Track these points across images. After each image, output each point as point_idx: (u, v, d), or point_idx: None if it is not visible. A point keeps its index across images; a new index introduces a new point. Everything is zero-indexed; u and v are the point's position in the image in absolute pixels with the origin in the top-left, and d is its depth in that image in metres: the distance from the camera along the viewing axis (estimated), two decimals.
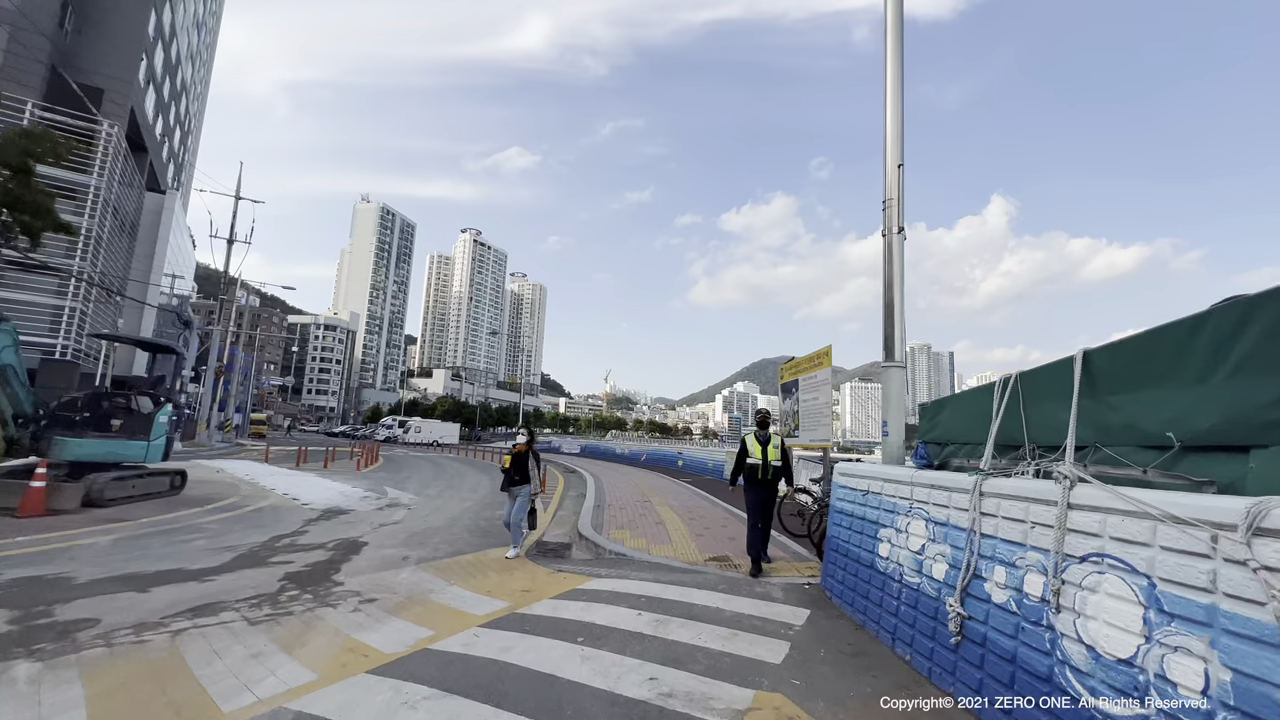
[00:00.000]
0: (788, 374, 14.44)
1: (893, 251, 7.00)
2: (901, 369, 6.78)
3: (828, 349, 11.74)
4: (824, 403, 11.84)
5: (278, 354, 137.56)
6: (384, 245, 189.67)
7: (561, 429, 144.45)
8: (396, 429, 62.49)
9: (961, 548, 3.76)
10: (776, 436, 7.18)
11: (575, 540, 8.86)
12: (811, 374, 12.57)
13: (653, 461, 32.09)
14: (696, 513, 11.67)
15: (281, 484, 14.04)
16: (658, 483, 19.11)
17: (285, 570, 6.12)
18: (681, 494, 15.48)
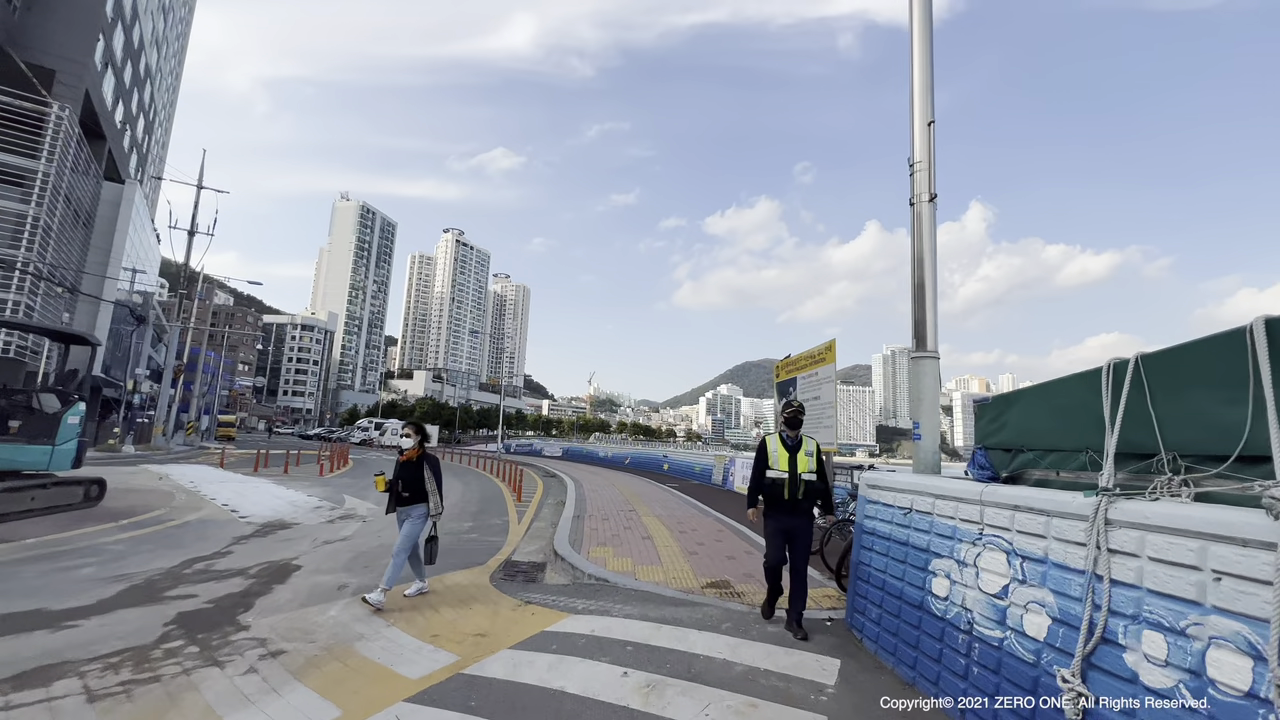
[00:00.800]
0: (784, 372, 13.41)
1: (923, 221, 5.96)
2: (935, 360, 5.74)
3: (831, 344, 10.72)
4: (827, 402, 10.81)
5: (252, 354, 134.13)
6: (364, 244, 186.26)
7: (544, 431, 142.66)
8: (372, 431, 60.53)
9: (1076, 597, 2.69)
10: (811, 440, 5.12)
11: (550, 559, 7.70)
12: (812, 371, 11.54)
13: (637, 465, 30.96)
14: (687, 524, 10.56)
15: (225, 493, 12.65)
16: (642, 488, 17.99)
17: (180, 609, 4.88)
18: (668, 501, 14.36)
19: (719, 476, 19.88)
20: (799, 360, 12.25)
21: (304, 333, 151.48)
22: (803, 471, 4.90)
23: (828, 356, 10.75)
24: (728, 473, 18.99)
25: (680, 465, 25.29)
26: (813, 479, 4.92)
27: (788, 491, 4.85)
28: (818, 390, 11.14)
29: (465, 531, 9.73)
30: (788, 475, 4.88)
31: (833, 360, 10.53)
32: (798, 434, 5.08)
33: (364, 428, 62.50)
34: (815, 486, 4.95)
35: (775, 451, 5.00)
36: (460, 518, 11.17)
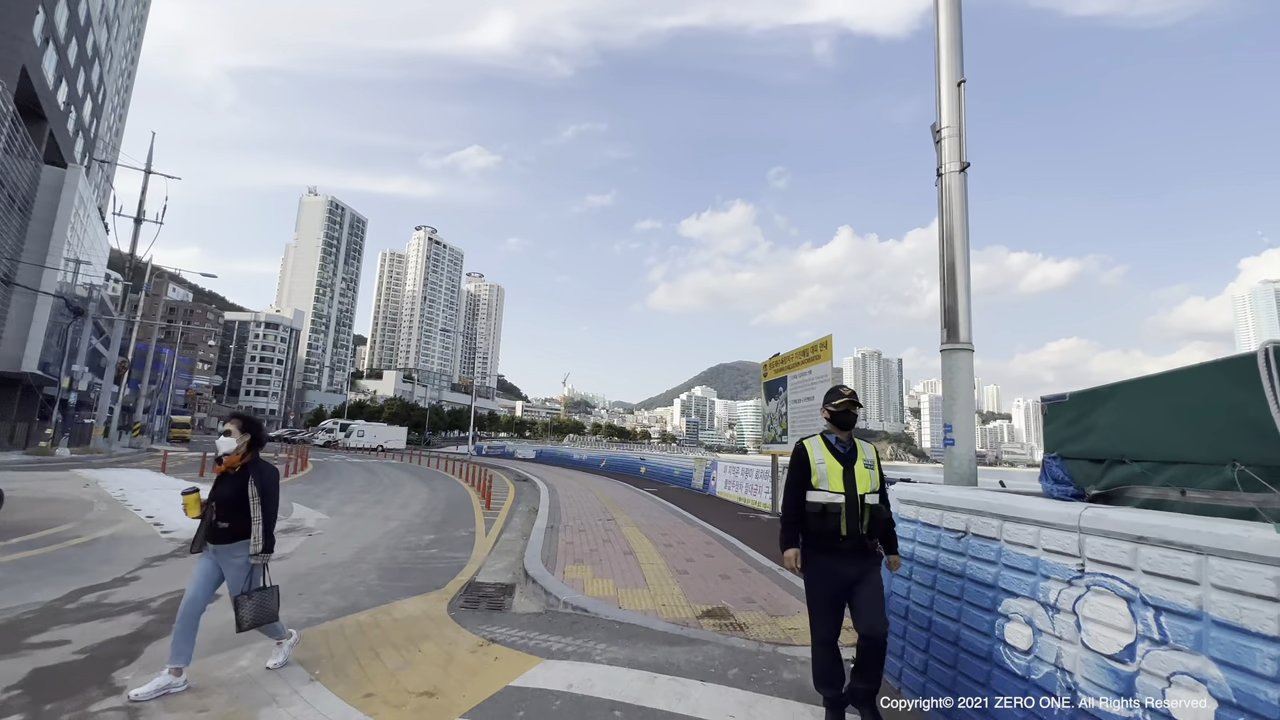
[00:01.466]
0: (773, 371, 12.67)
1: (952, 194, 5.20)
2: (969, 352, 4.99)
3: (826, 340, 9.98)
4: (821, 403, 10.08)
5: (212, 352, 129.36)
6: (332, 240, 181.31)
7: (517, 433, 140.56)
8: (338, 432, 58.43)
9: (1268, 676, 1.90)
10: (868, 447, 3.46)
11: (520, 580, 6.75)
12: (805, 370, 10.80)
13: (613, 468, 30.03)
14: (672, 535, 9.69)
15: (155, 502, 11.34)
16: (620, 493, 17.09)
17: (39, 663, 3.81)
18: (648, 508, 13.49)
19: (699, 481, 19.09)
20: (790, 358, 11.50)
21: (268, 330, 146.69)
22: (864, 492, 3.24)
23: (823, 353, 10.01)
24: (709, 477, 18.21)
25: (659, 469, 24.45)
26: (877, 503, 3.29)
27: (845, 524, 3.16)
28: (811, 390, 10.39)
29: (425, 546, 8.70)
30: (843, 498, 3.19)
31: (829, 358, 9.79)
32: (850, 437, 3.42)
33: (328, 429, 60.32)
34: (880, 515, 3.30)
35: (822, 463, 3.29)
36: (421, 529, 10.12)
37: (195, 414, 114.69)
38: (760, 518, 12.15)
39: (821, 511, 3.19)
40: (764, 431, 12.83)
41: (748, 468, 15.15)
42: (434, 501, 14.43)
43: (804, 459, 3.37)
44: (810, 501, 3.25)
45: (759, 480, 14.09)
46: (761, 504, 13.49)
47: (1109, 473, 2.96)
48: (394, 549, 8.36)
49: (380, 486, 17.83)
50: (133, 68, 68.17)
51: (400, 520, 11.07)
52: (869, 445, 3.47)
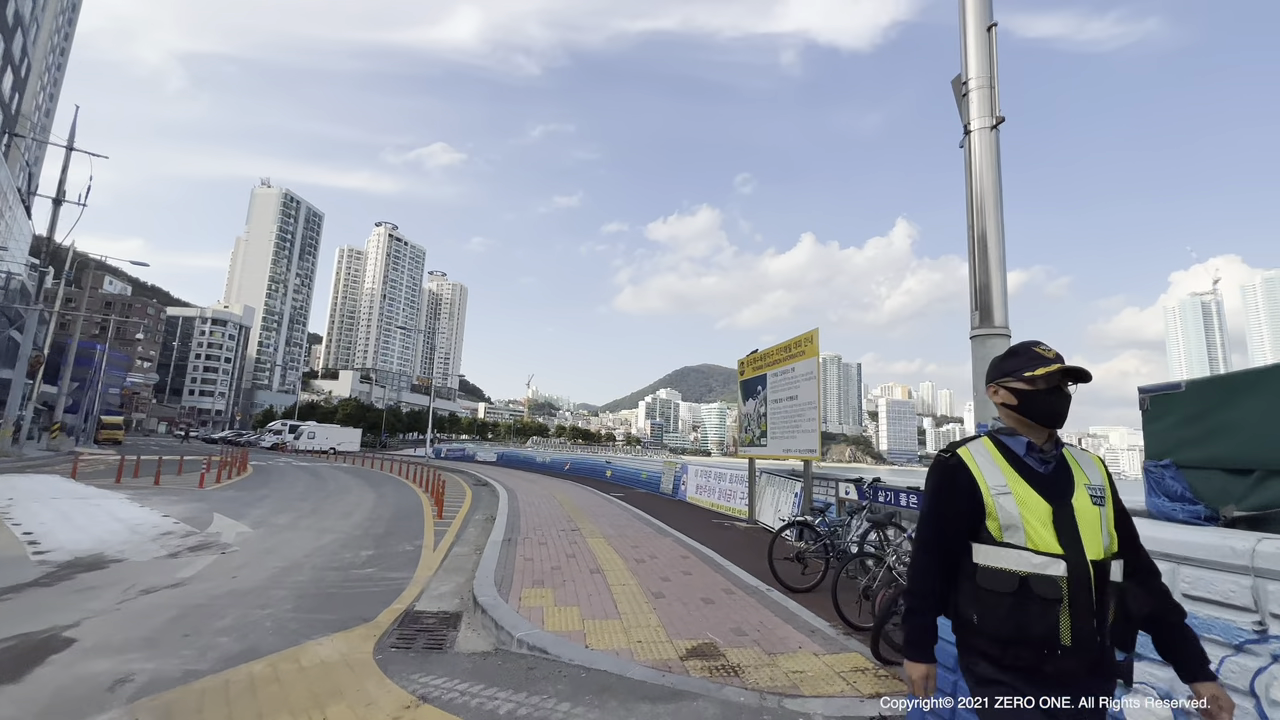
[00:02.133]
0: (750, 369, 11.90)
1: (984, 155, 4.44)
2: (1006, 338, 4.22)
3: (811, 334, 9.23)
4: (807, 403, 9.30)
5: (153, 349, 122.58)
6: (286, 234, 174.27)
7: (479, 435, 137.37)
8: (286, 434, 55.52)
9: None
10: (1095, 464, 1.68)
11: (468, 608, 5.72)
12: (786, 367, 10.04)
13: (578, 472, 28.94)
14: (643, 546, 8.77)
15: (46, 514, 9.81)
16: (585, 499, 16.08)
17: None
18: (616, 516, 12.54)
19: (669, 485, 18.23)
20: (770, 354, 10.73)
21: (215, 327, 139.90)
22: (1101, 556, 1.54)
23: (807, 349, 9.26)
24: (679, 481, 17.37)
25: (625, 472, 23.51)
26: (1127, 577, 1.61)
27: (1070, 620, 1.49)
28: (794, 389, 9.64)
29: (361, 564, 7.55)
30: (1064, 565, 1.51)
31: (814, 353, 9.04)
32: (1056, 442, 1.69)
33: (276, 430, 57.34)
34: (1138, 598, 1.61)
35: (1006, 491, 1.61)
36: (360, 543, 8.93)
37: (132, 414, 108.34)
38: (737, 526, 11.34)
39: (1019, 593, 1.52)
40: (740, 434, 12.05)
41: (721, 471, 14.36)
42: (380, 510, 13.16)
43: (965, 482, 1.66)
44: (990, 570, 1.58)
45: (734, 485, 13.30)
46: (738, 511, 12.70)
47: (1261, 488, 2.18)
48: (323, 569, 7.19)
49: (322, 493, 16.37)
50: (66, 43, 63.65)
51: (338, 533, 9.84)
52: (1088, 455, 1.72)
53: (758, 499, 11.42)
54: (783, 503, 10.35)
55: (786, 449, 9.73)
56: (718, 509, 13.85)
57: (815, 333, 9.00)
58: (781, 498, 10.44)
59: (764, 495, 11.29)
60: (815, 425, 8.83)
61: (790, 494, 10.11)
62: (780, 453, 9.96)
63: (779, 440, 10.06)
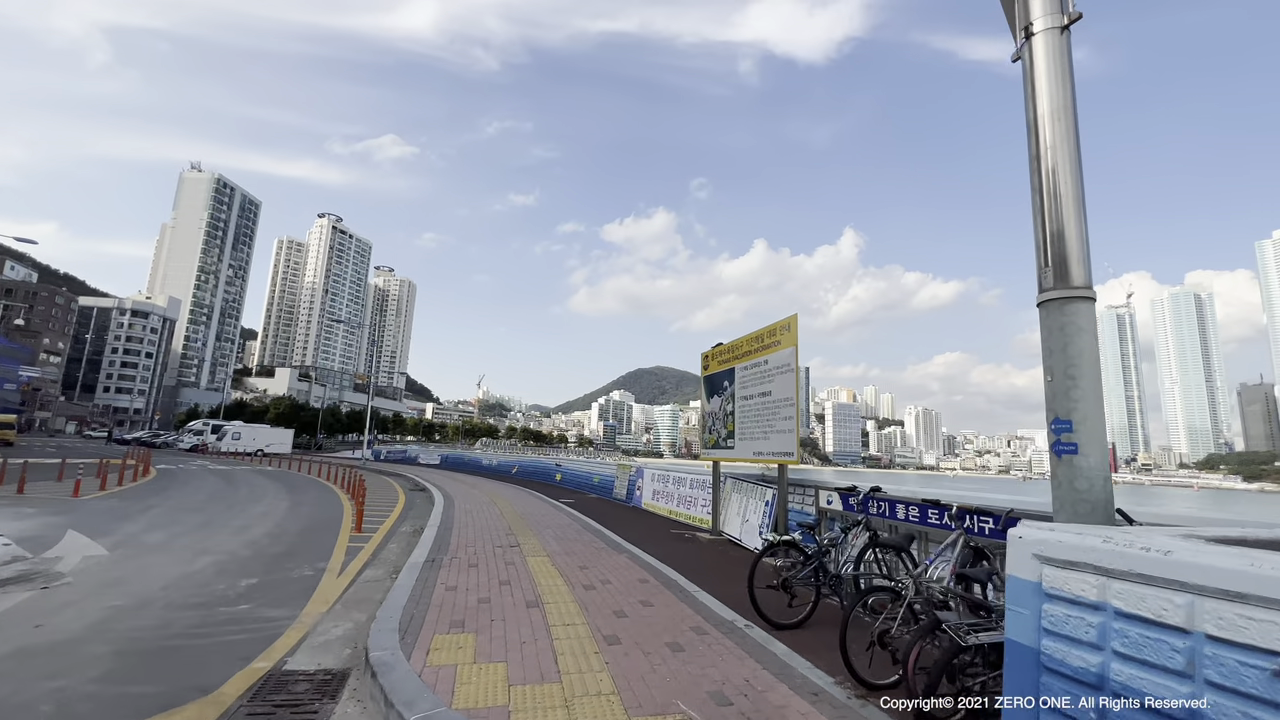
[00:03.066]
0: (715, 363, 10.75)
1: (1052, 65, 3.33)
2: (1090, 302, 3.12)
3: (789, 321, 8.13)
4: (781, 399, 8.19)
5: (62, 341, 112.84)
6: (218, 222, 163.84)
7: (425, 436, 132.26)
8: (208, 435, 51.23)
9: None
10: None
11: (358, 666, 4.29)
12: (759, 359, 8.92)
13: (526, 475, 27.30)
14: (593, 566, 7.45)
15: None
16: (530, 505, 14.62)
17: None
18: (563, 527, 11.17)
19: (622, 490, 16.96)
20: (739, 346, 9.60)
21: (135, 319, 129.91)
22: None
23: (784, 338, 8.16)
24: (633, 486, 16.12)
25: (576, 476, 22.09)
26: None
27: None
28: (768, 384, 8.53)
29: (236, 598, 5.96)
30: None
31: (792, 343, 7.94)
32: None
33: (197, 430, 52.90)
34: None
35: None
36: (245, 568, 7.27)
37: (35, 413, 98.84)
38: (700, 538, 10.17)
39: None
40: (703, 434, 10.90)
41: (680, 476, 13.18)
42: (289, 522, 11.36)
43: None
44: None
45: (695, 491, 12.13)
46: (700, 520, 11.53)
47: None
48: (179, 606, 5.57)
49: (226, 502, 14.32)
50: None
51: (222, 552, 8.11)
52: None
53: (723, 507, 10.28)
54: (751, 511, 9.24)
55: (758, 452, 8.62)
56: (677, 517, 12.67)
57: (794, 320, 7.91)
58: (750, 506, 9.32)
59: (729, 503, 10.16)
60: (793, 425, 7.74)
61: (760, 502, 9.00)
62: (750, 456, 8.83)
63: (749, 442, 8.93)
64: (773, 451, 8.14)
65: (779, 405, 8.06)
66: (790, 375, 7.89)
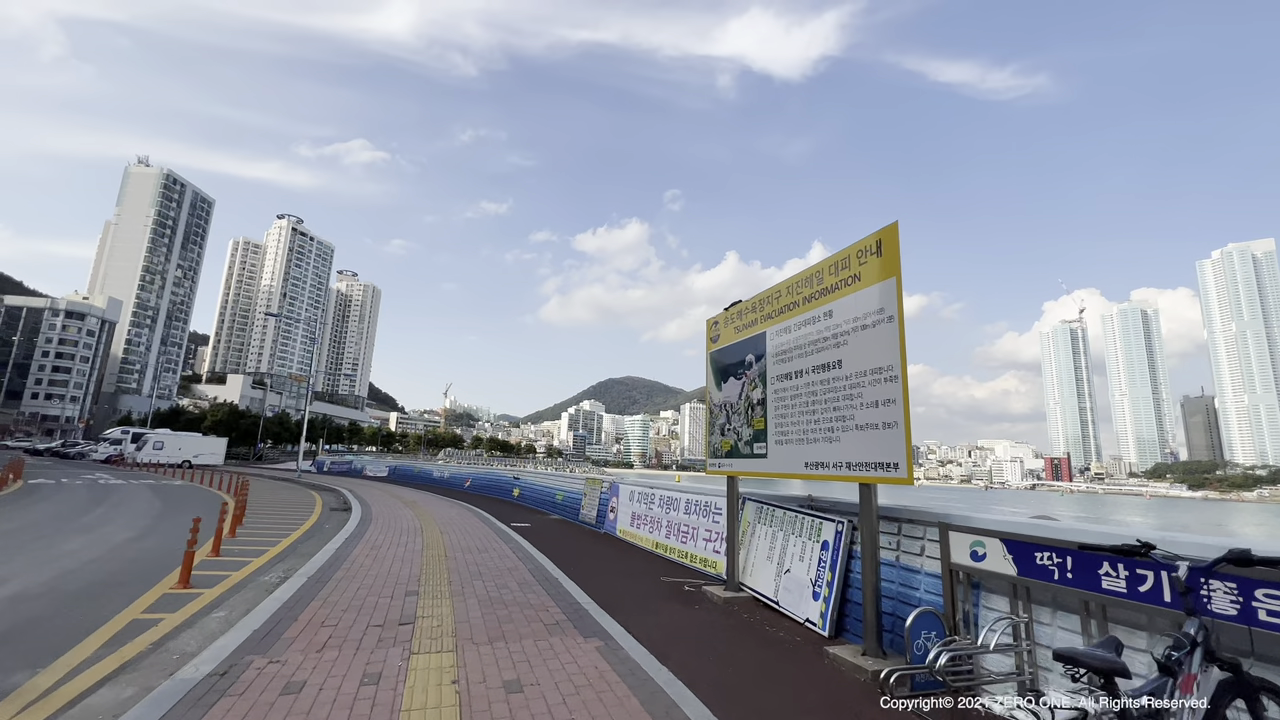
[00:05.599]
0: (729, 330, 7.32)
1: None
2: None
3: (884, 234, 4.75)
4: (866, 373, 4.78)
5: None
6: (166, 220, 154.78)
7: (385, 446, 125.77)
8: (127, 444, 45.62)
9: None
10: None
11: None
12: (813, 312, 5.57)
13: (480, 489, 23.47)
14: (532, 678, 3.97)
15: None
16: (468, 532, 10.99)
17: None
18: (502, 568, 7.62)
19: (591, 512, 13.45)
20: (774, 297, 6.21)
21: (70, 321, 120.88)
22: None
23: (869, 269, 4.83)
24: (605, 506, 12.63)
25: (536, 492, 18.43)
26: None
27: None
28: (836, 349, 5.17)
29: None
30: None
31: (891, 272, 4.60)
32: None
33: (114, 440, 47.16)
34: None
35: None
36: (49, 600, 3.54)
37: None
38: (710, 595, 6.73)
39: None
40: (710, 436, 7.51)
41: (671, 496, 9.69)
42: (107, 560, 7.53)
43: None
44: None
45: (695, 518, 8.65)
46: (704, 561, 8.09)
47: None
48: None
49: (58, 524, 10.35)
50: None
51: None
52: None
53: (743, 545, 6.87)
54: (795, 556, 5.84)
55: (815, 462, 5.25)
56: (667, 554, 9.20)
57: (890, 233, 4.60)
58: (793, 548, 5.92)
59: (754, 539, 6.75)
60: (896, 414, 4.40)
61: (812, 542, 5.62)
62: (801, 468, 5.45)
63: (796, 446, 5.56)
64: (851, 461, 4.79)
65: (862, 382, 4.72)
66: (886, 330, 4.56)
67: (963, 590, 3.96)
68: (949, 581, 4.01)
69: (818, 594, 5.34)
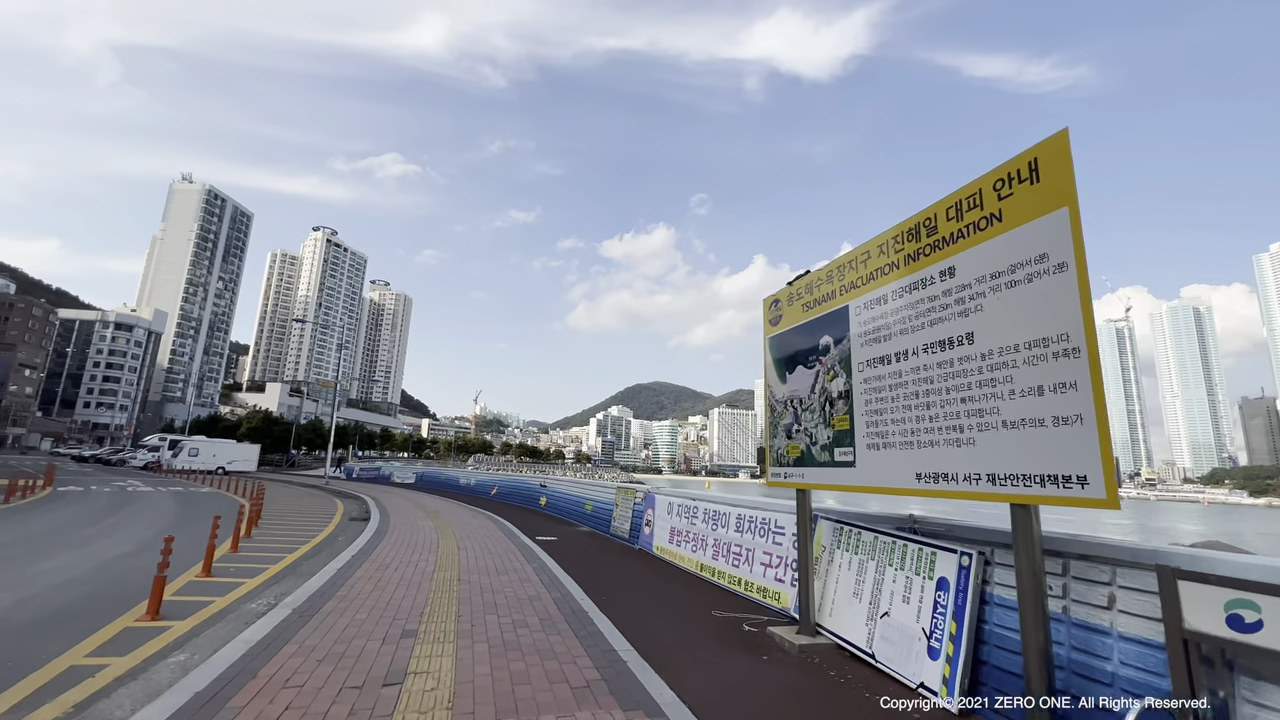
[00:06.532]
0: (795, 309, 5.84)
1: None
2: None
3: (1049, 144, 3.41)
4: (1024, 346, 3.31)
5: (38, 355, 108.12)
6: (208, 234, 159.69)
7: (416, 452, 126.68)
8: (164, 451, 46.21)
9: None
10: None
11: None
12: (927, 269, 4.11)
13: (506, 497, 22.45)
14: None
15: None
16: (490, 548, 9.85)
17: None
18: (522, 597, 6.42)
19: (624, 524, 12.19)
20: (859, 259, 4.89)
21: (119, 332, 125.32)
22: None
23: (1018, 202, 3.47)
24: (639, 519, 11.35)
25: (564, 501, 17.27)
26: None
27: None
28: (969, 317, 3.79)
29: None
30: None
31: (1063, 200, 3.23)
32: None
33: (152, 447, 47.82)
34: None
35: None
36: None
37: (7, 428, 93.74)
38: (778, 639, 5.39)
39: None
40: (771, 439, 6.17)
41: (717, 510, 8.35)
42: (79, 582, 6.58)
43: None
44: None
45: (750, 537, 7.29)
46: (762, 590, 6.73)
47: None
48: None
49: (62, 532, 9.54)
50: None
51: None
52: None
53: (817, 575, 5.51)
54: (896, 594, 4.48)
55: (935, 473, 3.88)
56: (715, 577, 7.86)
57: (1061, 143, 3.25)
58: (891, 583, 4.56)
59: (833, 569, 5.39)
60: (1081, 404, 3.04)
61: (922, 579, 4.26)
62: (909, 481, 4.09)
63: (902, 451, 4.19)
64: (996, 473, 3.43)
65: (1011, 362, 3.37)
66: (1053, 284, 3.21)
67: (1209, 672, 2.58)
68: (1181, 657, 2.62)
69: (935, 650, 3.96)
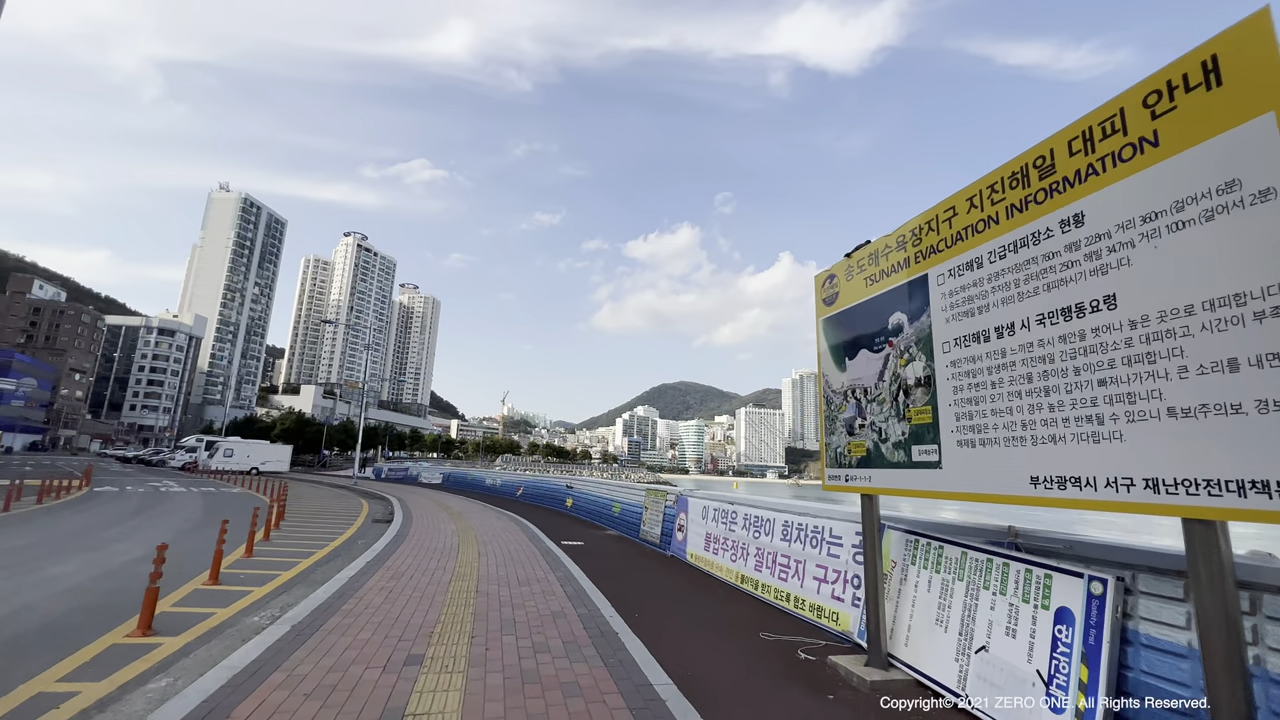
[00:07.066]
0: (857, 282, 4.99)
1: None
2: None
3: (1249, 29, 2.60)
4: (1235, 305, 2.65)
5: (87, 360, 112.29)
6: (245, 241, 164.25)
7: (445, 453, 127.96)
8: (201, 452, 47.18)
9: None
10: None
11: None
12: (1050, 214, 3.43)
13: (532, 498, 21.94)
14: None
15: None
16: (512, 554, 9.23)
17: None
18: (544, 612, 5.76)
19: (654, 529, 11.46)
20: (955, 210, 4.08)
21: (162, 338, 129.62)
22: None
23: (1193, 117, 2.61)
24: (671, 523, 10.61)
25: (591, 503, 16.62)
26: None
27: None
28: (1115, 274, 3.00)
29: None
30: None
31: (1270, 105, 2.37)
32: None
33: (190, 448, 48.91)
34: None
35: None
36: None
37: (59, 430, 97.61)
38: (844, 671, 4.59)
39: None
40: (826, 436, 5.36)
41: (760, 515, 7.53)
42: (88, 590, 6.15)
43: None
44: None
45: (801, 547, 6.45)
46: (817, 609, 5.91)
47: None
48: None
49: (81, 536, 9.25)
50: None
51: None
52: None
53: (890, 596, 4.70)
54: (999, 624, 3.65)
55: (1060, 476, 3.07)
56: (757, 590, 7.07)
57: (1263, 21, 2.43)
58: (990, 611, 3.72)
59: (906, 588, 4.58)
60: None
61: (1034, 608, 3.43)
62: (1021, 487, 3.27)
63: (1010, 450, 3.36)
64: (1157, 478, 2.61)
65: (1181, 329, 2.55)
66: (1250, 220, 2.39)
67: None
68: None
69: (1060, 704, 3.13)
